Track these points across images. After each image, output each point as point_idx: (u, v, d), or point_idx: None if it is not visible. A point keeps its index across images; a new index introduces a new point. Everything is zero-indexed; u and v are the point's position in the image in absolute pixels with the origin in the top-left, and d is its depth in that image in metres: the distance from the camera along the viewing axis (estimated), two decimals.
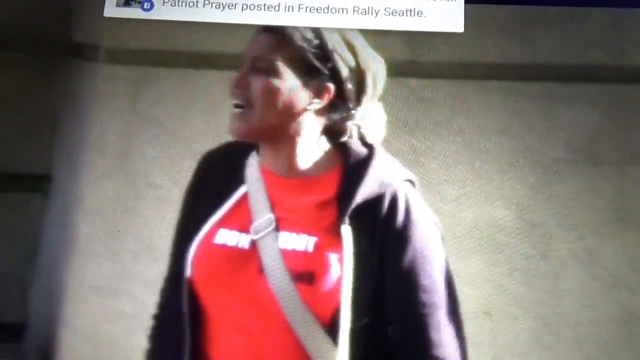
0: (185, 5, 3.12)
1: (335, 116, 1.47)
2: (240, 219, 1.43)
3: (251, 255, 1.39)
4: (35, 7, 3.02)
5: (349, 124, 1.49)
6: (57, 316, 2.01)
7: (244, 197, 1.45)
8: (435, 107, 2.95)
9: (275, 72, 1.43)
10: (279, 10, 3.10)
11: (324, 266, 1.35)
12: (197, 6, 3.13)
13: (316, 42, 1.45)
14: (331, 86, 1.44)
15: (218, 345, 1.39)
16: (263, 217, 1.42)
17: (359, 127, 1.51)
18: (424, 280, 1.40)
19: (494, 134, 2.89)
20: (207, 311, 1.40)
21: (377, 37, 3.03)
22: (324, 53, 1.45)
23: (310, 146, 1.45)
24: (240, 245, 1.40)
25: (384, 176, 1.44)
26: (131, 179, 2.39)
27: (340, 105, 1.46)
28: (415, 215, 1.42)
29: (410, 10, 3.06)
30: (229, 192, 1.46)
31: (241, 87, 1.41)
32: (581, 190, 2.83)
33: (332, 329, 1.32)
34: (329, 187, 1.43)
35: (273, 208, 1.42)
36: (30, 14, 3.01)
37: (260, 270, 1.37)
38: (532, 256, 2.78)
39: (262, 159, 1.47)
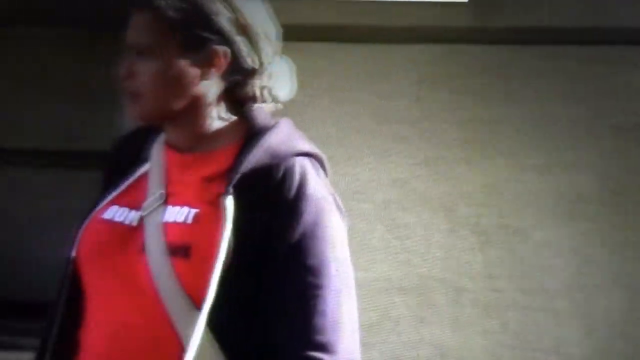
0: None
1: (237, 79, 1.32)
2: (135, 197, 1.32)
3: (137, 233, 1.28)
4: None
5: (255, 86, 1.34)
6: None
7: (145, 175, 1.36)
8: (505, 74, 2.85)
9: (157, 55, 1.30)
10: None
11: (201, 239, 1.23)
12: None
13: (189, 8, 1.30)
14: (222, 49, 1.29)
15: (88, 326, 1.29)
16: (156, 193, 1.32)
17: (269, 89, 1.36)
18: (311, 261, 1.25)
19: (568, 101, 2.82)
20: (85, 291, 1.30)
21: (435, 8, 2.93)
22: (203, 17, 1.30)
23: (213, 119, 1.33)
24: (127, 222, 1.30)
25: (278, 149, 1.32)
26: None
27: (240, 67, 1.31)
28: (310, 190, 1.28)
29: None
30: (133, 171, 1.37)
31: (128, 78, 1.29)
32: None
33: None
34: (225, 161, 1.31)
35: (167, 184, 1.32)
36: None
37: (142, 249, 1.26)
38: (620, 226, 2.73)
39: (168, 136, 1.35)
